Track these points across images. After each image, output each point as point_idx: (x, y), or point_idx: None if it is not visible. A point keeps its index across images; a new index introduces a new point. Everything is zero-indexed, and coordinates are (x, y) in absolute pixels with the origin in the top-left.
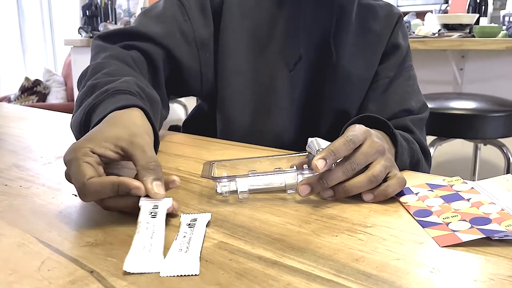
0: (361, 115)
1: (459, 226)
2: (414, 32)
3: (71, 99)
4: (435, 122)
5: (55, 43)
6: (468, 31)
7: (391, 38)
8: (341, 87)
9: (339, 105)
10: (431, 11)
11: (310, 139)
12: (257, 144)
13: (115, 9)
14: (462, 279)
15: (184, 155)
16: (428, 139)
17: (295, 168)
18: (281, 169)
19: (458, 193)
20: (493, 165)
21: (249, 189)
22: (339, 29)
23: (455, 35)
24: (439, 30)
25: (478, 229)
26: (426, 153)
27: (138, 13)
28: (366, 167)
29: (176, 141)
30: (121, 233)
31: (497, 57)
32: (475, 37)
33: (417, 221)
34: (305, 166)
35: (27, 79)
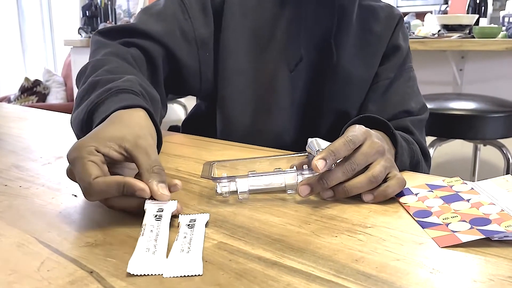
0: (361, 116)
1: (459, 227)
2: (413, 33)
3: (71, 99)
4: (434, 122)
5: (55, 43)
6: (467, 31)
7: (391, 40)
8: (342, 87)
9: (339, 105)
10: (431, 12)
11: (310, 139)
12: (257, 144)
13: (115, 9)
14: (462, 279)
15: (184, 155)
16: (428, 139)
17: (295, 168)
18: (281, 169)
19: (458, 193)
20: (493, 165)
21: (249, 190)
22: (340, 29)
23: (455, 35)
24: (439, 31)
25: (478, 229)
26: (426, 154)
27: None
28: (366, 167)
29: (175, 141)
30: (120, 233)
31: (496, 57)
32: (474, 37)
33: (417, 221)
34: (305, 166)
35: (27, 79)
